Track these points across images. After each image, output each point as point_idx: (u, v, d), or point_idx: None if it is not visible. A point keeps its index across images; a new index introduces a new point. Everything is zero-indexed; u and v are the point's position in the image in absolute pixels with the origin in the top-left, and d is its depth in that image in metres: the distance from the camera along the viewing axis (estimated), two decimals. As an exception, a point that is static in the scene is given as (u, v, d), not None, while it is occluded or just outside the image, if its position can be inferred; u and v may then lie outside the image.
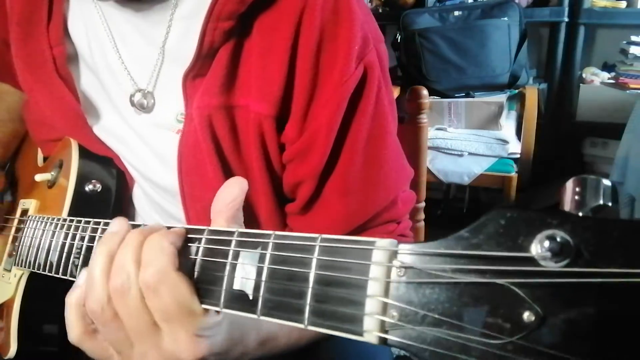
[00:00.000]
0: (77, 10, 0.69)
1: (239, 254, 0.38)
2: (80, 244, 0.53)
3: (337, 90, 0.59)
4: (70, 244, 0.55)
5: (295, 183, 0.65)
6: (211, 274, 0.39)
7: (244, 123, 0.62)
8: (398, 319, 0.28)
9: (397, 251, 0.30)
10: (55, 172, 0.69)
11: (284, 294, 0.34)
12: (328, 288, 0.32)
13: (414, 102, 1.02)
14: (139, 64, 0.66)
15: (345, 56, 0.59)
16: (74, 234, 0.55)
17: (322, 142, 0.61)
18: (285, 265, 0.35)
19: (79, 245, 0.53)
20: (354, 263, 0.31)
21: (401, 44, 2.19)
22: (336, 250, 0.32)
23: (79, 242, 0.53)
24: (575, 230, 0.24)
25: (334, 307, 0.31)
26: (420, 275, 0.28)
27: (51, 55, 0.68)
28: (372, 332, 0.29)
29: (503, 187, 1.98)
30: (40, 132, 0.77)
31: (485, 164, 1.99)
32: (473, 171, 1.99)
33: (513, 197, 1.98)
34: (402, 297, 0.28)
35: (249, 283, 0.37)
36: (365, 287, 0.30)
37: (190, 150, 0.63)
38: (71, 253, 0.54)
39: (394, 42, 2.23)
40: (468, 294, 0.26)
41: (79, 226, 0.54)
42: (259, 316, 0.35)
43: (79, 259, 0.52)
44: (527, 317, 0.24)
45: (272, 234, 0.37)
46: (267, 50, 0.60)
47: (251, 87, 0.61)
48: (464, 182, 2.02)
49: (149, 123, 0.67)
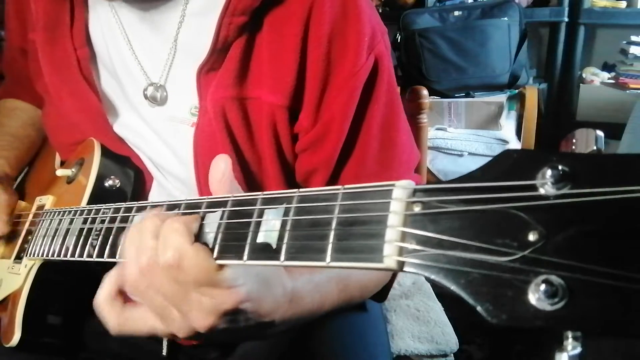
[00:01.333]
0: (95, 13, 0.71)
1: (264, 211, 0.41)
2: (100, 226, 0.55)
3: (350, 80, 0.63)
4: (89, 227, 0.57)
5: (309, 171, 0.68)
6: (236, 233, 0.42)
7: (257, 114, 0.65)
8: (415, 245, 0.31)
9: (414, 189, 0.33)
10: (76, 169, 0.72)
11: (307, 238, 0.37)
12: (350, 227, 0.35)
13: (414, 102, 1.02)
14: (152, 59, 0.69)
15: (356, 47, 0.62)
16: (93, 218, 0.57)
17: (336, 130, 0.64)
18: (309, 215, 0.38)
19: (99, 227, 0.55)
20: (375, 203, 0.34)
21: (401, 44, 2.19)
22: (358, 195, 0.36)
23: (98, 225, 0.56)
24: (574, 162, 0.27)
25: (355, 242, 0.34)
26: (434, 207, 0.31)
27: (75, 57, 0.70)
28: (391, 257, 0.32)
29: (503, 187, 1.99)
30: (61, 135, 0.78)
31: (485, 164, 1.99)
32: (473, 171, 1.99)
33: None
34: (419, 226, 0.32)
35: (272, 235, 0.39)
36: (386, 220, 0.33)
37: (205, 142, 0.65)
38: (89, 236, 0.56)
39: (394, 42, 2.22)
40: (479, 221, 0.29)
41: (99, 210, 0.57)
42: (283, 261, 0.38)
43: (98, 239, 0.54)
44: (532, 237, 0.27)
45: (297, 191, 0.40)
46: (279, 44, 0.62)
47: (263, 79, 0.64)
48: (464, 182, 2.02)
49: (164, 117, 0.69)
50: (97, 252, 0.54)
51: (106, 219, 0.55)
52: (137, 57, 0.69)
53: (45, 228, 0.66)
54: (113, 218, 0.54)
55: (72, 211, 0.63)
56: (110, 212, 0.55)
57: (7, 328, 0.66)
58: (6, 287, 0.70)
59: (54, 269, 0.67)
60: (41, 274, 0.67)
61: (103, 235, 0.54)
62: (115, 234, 0.53)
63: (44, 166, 0.85)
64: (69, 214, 0.63)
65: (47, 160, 0.86)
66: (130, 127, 0.72)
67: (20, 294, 0.66)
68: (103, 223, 0.55)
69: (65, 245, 0.59)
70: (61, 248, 0.60)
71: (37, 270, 0.67)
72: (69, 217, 0.62)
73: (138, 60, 0.69)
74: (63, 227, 0.62)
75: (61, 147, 0.80)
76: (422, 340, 0.99)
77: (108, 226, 0.54)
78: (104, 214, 0.56)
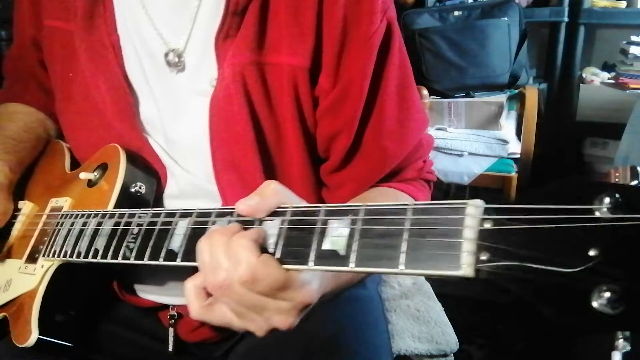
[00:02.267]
0: None
1: (327, 221, 0.45)
2: (137, 228, 0.57)
3: (367, 42, 0.65)
4: (123, 230, 0.58)
5: (331, 136, 0.70)
6: (299, 240, 0.45)
7: (277, 79, 0.66)
8: (489, 256, 0.36)
9: (485, 207, 0.37)
10: (99, 173, 0.72)
11: (378, 247, 0.41)
12: (422, 239, 0.39)
13: (414, 102, 1.02)
14: (172, 30, 0.69)
15: (371, 10, 0.65)
16: (127, 221, 0.59)
17: (356, 90, 0.66)
18: (377, 225, 0.42)
19: (135, 230, 0.57)
20: (448, 218, 0.38)
21: (401, 44, 2.19)
22: (428, 210, 0.40)
23: (134, 228, 0.57)
24: (625, 192, 0.32)
25: (430, 252, 0.38)
26: (504, 224, 0.36)
27: (110, 42, 0.71)
28: (468, 266, 0.36)
29: (503, 187, 1.98)
30: (83, 130, 0.77)
31: (485, 164, 1.99)
32: (473, 171, 1.99)
33: (513, 197, 1.98)
34: (491, 240, 0.36)
35: (340, 242, 0.43)
36: (461, 234, 0.37)
37: (221, 107, 0.66)
38: (124, 238, 0.58)
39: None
40: (545, 237, 0.34)
41: (134, 214, 0.59)
42: (353, 267, 0.42)
43: (135, 242, 0.56)
44: (592, 252, 0.32)
45: (363, 205, 0.44)
46: (295, 7, 0.64)
47: (282, 43, 0.65)
48: (464, 182, 2.02)
49: (184, 90, 0.70)
50: (136, 255, 0.56)
51: (144, 223, 0.57)
52: (156, 27, 0.70)
53: (67, 229, 0.66)
54: (152, 222, 0.56)
55: (98, 214, 0.63)
56: (149, 216, 0.57)
57: (22, 328, 0.66)
58: (18, 287, 0.70)
59: (70, 270, 0.67)
60: (58, 275, 0.67)
61: (142, 239, 0.56)
62: (157, 237, 0.55)
63: (51, 167, 0.85)
64: (96, 217, 0.63)
65: (53, 161, 0.85)
66: (150, 116, 0.73)
67: (35, 294, 0.66)
68: (140, 226, 0.57)
69: (94, 247, 0.60)
70: (89, 249, 0.61)
71: (55, 271, 0.67)
72: (95, 219, 0.63)
73: (157, 29, 0.69)
74: (89, 229, 0.63)
75: (80, 144, 0.80)
76: (422, 340, 0.99)
77: (147, 229, 0.56)
78: (141, 218, 0.58)
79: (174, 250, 0.53)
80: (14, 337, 0.67)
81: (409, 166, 0.74)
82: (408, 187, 0.74)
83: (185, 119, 0.71)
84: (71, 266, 0.66)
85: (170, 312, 0.77)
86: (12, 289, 0.71)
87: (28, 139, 0.84)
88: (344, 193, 0.73)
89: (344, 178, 0.72)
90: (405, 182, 0.74)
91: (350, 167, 0.72)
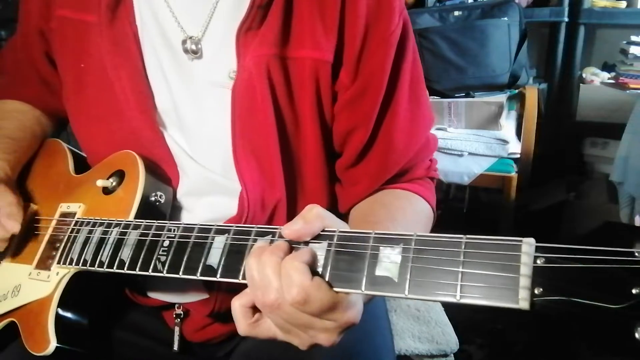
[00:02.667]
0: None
1: (379, 248, 0.46)
2: (169, 241, 0.57)
3: (387, 40, 0.68)
4: (152, 241, 0.58)
5: (348, 131, 0.71)
6: (349, 264, 0.47)
7: (299, 73, 0.67)
8: (542, 291, 0.39)
9: (536, 245, 0.40)
10: (115, 180, 0.71)
11: (432, 276, 0.43)
12: (478, 271, 0.42)
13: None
14: (190, 18, 0.70)
15: (390, 10, 0.68)
16: (156, 233, 0.59)
17: (375, 86, 0.69)
18: (430, 255, 0.44)
19: (167, 243, 0.57)
20: (503, 254, 0.41)
21: (401, 44, 2.19)
22: (482, 245, 0.43)
23: (165, 240, 0.57)
24: None
25: (487, 285, 0.41)
26: (555, 262, 0.39)
27: (132, 32, 0.71)
28: (525, 300, 0.39)
29: (503, 187, 1.98)
30: (91, 126, 0.76)
31: (485, 164, 1.99)
32: (473, 171, 1.99)
33: (513, 197, 1.98)
34: (545, 276, 0.39)
35: (392, 269, 0.45)
36: (518, 269, 0.40)
37: (243, 98, 0.67)
38: (154, 250, 0.57)
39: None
40: (591, 276, 0.38)
41: (163, 227, 0.58)
42: (407, 294, 0.44)
43: (167, 256, 0.56)
44: (635, 291, 0.36)
45: (414, 234, 0.46)
46: (319, 3, 0.66)
47: (305, 37, 0.67)
48: (464, 182, 2.02)
49: (202, 81, 0.70)
50: (169, 268, 0.56)
51: (175, 236, 0.57)
52: (174, 14, 0.70)
53: (84, 236, 0.65)
54: (185, 236, 0.56)
55: (120, 223, 0.63)
56: (180, 229, 0.57)
57: (38, 337, 0.65)
58: (29, 293, 0.69)
59: (84, 278, 0.67)
60: (73, 283, 0.66)
61: (175, 252, 0.56)
62: (192, 252, 0.55)
63: (53, 168, 0.83)
64: (117, 226, 0.62)
65: (54, 162, 0.83)
66: (164, 108, 0.73)
67: (50, 301, 0.65)
68: (172, 239, 0.57)
69: (120, 257, 0.60)
70: (113, 259, 0.60)
71: (71, 278, 0.66)
72: (117, 229, 0.62)
73: (175, 17, 0.70)
74: (112, 238, 0.62)
75: (91, 138, 0.78)
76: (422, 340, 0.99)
77: (180, 242, 0.56)
78: (172, 231, 0.58)
79: (213, 266, 0.53)
80: (28, 345, 0.66)
81: (418, 165, 0.76)
82: (418, 188, 0.75)
83: (205, 110, 0.71)
84: (86, 273, 0.65)
85: (176, 310, 0.77)
86: (22, 294, 0.69)
87: (24, 138, 0.83)
88: (358, 190, 0.74)
89: (358, 174, 0.74)
90: (415, 182, 0.75)
91: (364, 163, 0.73)
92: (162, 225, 0.59)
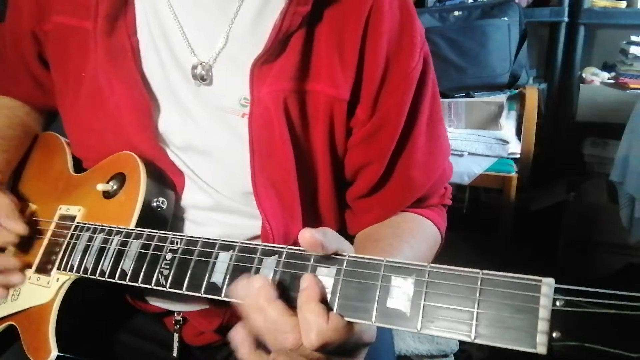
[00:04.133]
0: (141, 1, 0.70)
1: (390, 278, 0.44)
2: (171, 255, 0.55)
3: (407, 78, 0.67)
4: (153, 254, 0.57)
5: (361, 165, 0.70)
6: (359, 293, 0.45)
7: (315, 107, 0.66)
8: (560, 335, 0.37)
9: (555, 287, 0.39)
10: (115, 184, 0.69)
11: (446, 313, 0.42)
12: (494, 312, 0.40)
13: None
14: (202, 43, 0.68)
15: (411, 47, 0.67)
16: (158, 245, 0.57)
17: (393, 124, 0.68)
18: (445, 291, 0.42)
19: (169, 257, 0.55)
20: (523, 294, 0.40)
21: (401, 44, 2.18)
22: (500, 283, 0.41)
23: (167, 254, 0.55)
24: None
25: (503, 325, 0.40)
26: (575, 305, 0.38)
27: (130, 44, 0.69)
28: (543, 345, 0.38)
29: (503, 187, 1.98)
30: (94, 135, 0.74)
31: (485, 164, 1.99)
32: (473, 171, 1.99)
33: (513, 197, 1.98)
34: (563, 320, 0.38)
35: (404, 303, 0.43)
36: (537, 312, 0.39)
37: (261, 130, 0.66)
38: (157, 263, 0.56)
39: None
40: (611, 322, 0.36)
41: (166, 238, 0.57)
42: (420, 330, 0.42)
43: (170, 269, 0.54)
44: None
45: (428, 265, 0.43)
46: (339, 38, 0.65)
47: (322, 72, 0.66)
48: (464, 182, 2.02)
49: (211, 106, 0.68)
50: (172, 283, 0.54)
51: (178, 250, 0.55)
52: (186, 36, 0.68)
53: (84, 243, 0.64)
54: (188, 250, 0.54)
55: (122, 231, 0.61)
56: (183, 243, 0.55)
57: (39, 344, 0.64)
58: (28, 298, 0.68)
59: (84, 285, 0.66)
60: (73, 289, 0.65)
61: (177, 266, 0.54)
62: (196, 268, 0.53)
63: (51, 165, 0.80)
64: (119, 234, 0.61)
65: (53, 159, 0.81)
66: (170, 122, 0.70)
67: (50, 308, 0.65)
68: (175, 253, 0.55)
69: (121, 267, 0.58)
70: (114, 270, 0.59)
71: (71, 285, 0.65)
72: (118, 237, 0.61)
73: (186, 38, 0.68)
74: (113, 247, 0.60)
75: (84, 145, 0.76)
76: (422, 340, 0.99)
77: (182, 257, 0.54)
78: (174, 244, 0.56)
79: (217, 284, 0.51)
80: (29, 353, 0.65)
81: (433, 194, 0.76)
82: (430, 214, 0.75)
83: (212, 134, 0.69)
84: (86, 280, 0.64)
85: (175, 317, 0.77)
86: (22, 299, 0.68)
87: (14, 136, 0.80)
88: (369, 218, 0.73)
89: (371, 204, 0.73)
90: (428, 208, 0.75)
91: (378, 195, 0.72)
92: (165, 236, 0.57)
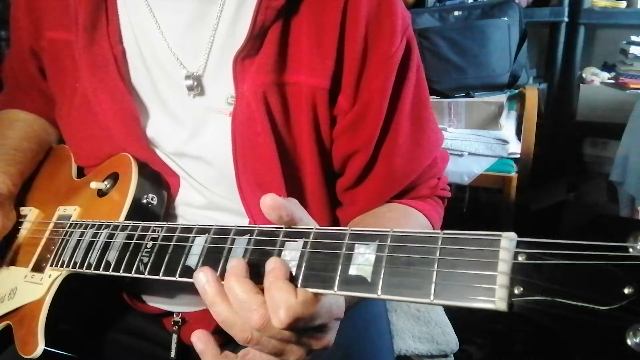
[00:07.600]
0: (125, 9, 0.70)
1: (354, 246, 0.44)
2: (151, 243, 0.56)
3: (387, 62, 0.65)
4: (136, 243, 0.57)
5: (348, 155, 0.70)
6: (323, 264, 0.45)
7: (296, 99, 0.66)
8: (522, 290, 0.35)
9: (518, 240, 0.37)
10: (109, 183, 0.71)
11: (406, 275, 0.40)
12: (453, 270, 0.39)
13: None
14: (189, 51, 0.68)
15: (392, 31, 0.65)
16: (141, 235, 0.58)
17: (376, 110, 0.66)
18: (405, 253, 0.41)
19: (150, 245, 0.56)
20: (481, 250, 0.38)
21: (401, 44, 2.18)
22: (460, 240, 0.39)
23: (148, 242, 0.56)
24: None
25: (461, 284, 0.38)
26: (538, 258, 0.36)
27: (112, 55, 0.69)
28: (503, 300, 0.36)
29: (503, 187, 1.98)
30: (88, 143, 0.76)
31: (485, 164, 1.99)
32: (473, 171, 1.99)
33: (513, 197, 1.98)
34: (525, 274, 0.36)
35: (366, 268, 0.42)
36: (496, 267, 0.37)
37: (243, 127, 0.66)
38: (138, 252, 0.57)
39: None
40: (578, 273, 0.34)
41: (148, 227, 0.58)
42: (380, 295, 0.41)
43: (150, 257, 0.55)
44: (627, 290, 0.32)
45: (391, 230, 0.43)
46: (318, 27, 0.64)
47: (302, 63, 0.65)
48: (464, 182, 2.02)
49: (201, 109, 0.69)
50: (150, 270, 0.55)
51: (158, 237, 0.56)
52: (172, 50, 0.68)
53: (76, 239, 0.65)
54: (168, 237, 0.55)
55: (109, 225, 0.62)
56: (163, 230, 0.56)
57: (27, 339, 0.65)
58: (23, 296, 0.69)
59: (77, 281, 0.66)
60: (65, 285, 0.66)
61: (157, 253, 0.55)
62: (173, 253, 0.54)
63: (57, 173, 0.83)
64: (107, 228, 0.62)
65: (59, 167, 0.83)
66: (160, 129, 0.71)
67: (41, 304, 0.65)
68: (155, 241, 0.56)
69: (106, 259, 0.59)
70: (100, 261, 0.60)
71: (63, 281, 0.66)
72: (106, 230, 0.62)
73: (173, 52, 0.68)
74: (100, 240, 0.61)
75: (82, 153, 0.78)
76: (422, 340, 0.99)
77: (162, 244, 0.55)
78: (155, 232, 0.56)
79: (191, 267, 0.52)
80: (19, 348, 0.66)
81: (422, 184, 0.74)
82: (420, 204, 0.73)
83: (202, 136, 0.70)
84: (79, 276, 0.65)
85: (174, 318, 0.77)
86: (17, 297, 0.69)
87: (29, 149, 0.82)
88: (356, 210, 0.73)
89: (357, 196, 0.72)
90: (418, 199, 0.74)
91: (363, 185, 0.72)
92: (147, 226, 0.58)
